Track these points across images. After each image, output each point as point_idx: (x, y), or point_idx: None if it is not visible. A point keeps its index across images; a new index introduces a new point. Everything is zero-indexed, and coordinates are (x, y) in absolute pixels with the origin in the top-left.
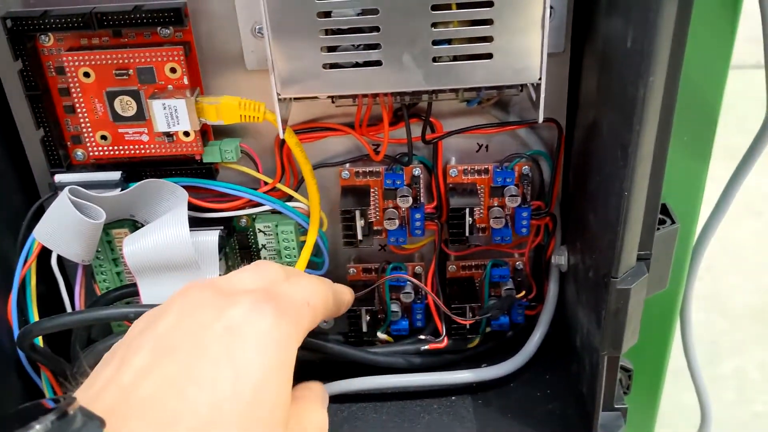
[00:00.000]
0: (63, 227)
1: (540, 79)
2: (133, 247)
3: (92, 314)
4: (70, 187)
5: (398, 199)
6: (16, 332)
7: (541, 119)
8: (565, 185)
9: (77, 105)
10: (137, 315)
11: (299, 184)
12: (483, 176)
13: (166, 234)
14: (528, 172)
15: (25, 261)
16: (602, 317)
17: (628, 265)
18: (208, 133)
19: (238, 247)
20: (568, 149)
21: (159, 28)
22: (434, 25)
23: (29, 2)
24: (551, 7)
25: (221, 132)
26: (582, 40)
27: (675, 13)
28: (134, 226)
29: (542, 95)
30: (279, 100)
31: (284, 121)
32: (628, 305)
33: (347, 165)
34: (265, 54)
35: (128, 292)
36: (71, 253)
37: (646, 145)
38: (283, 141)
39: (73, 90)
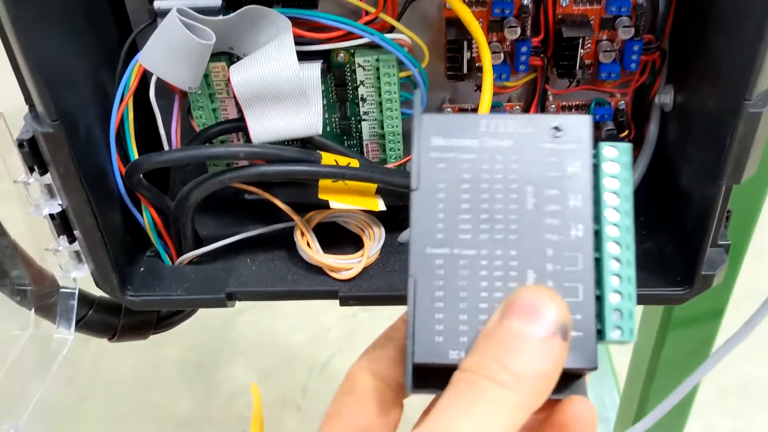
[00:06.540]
0: (171, 50)
1: None
2: (241, 76)
3: (203, 151)
4: (177, 7)
5: (506, 30)
6: (115, 168)
7: None
8: (676, 19)
9: None
10: (247, 155)
11: (401, 14)
12: (595, 6)
13: (274, 63)
14: (642, 1)
15: (122, 97)
16: (726, 144)
17: (761, 88)
18: None
19: (335, 85)
20: None
21: None
22: None
23: None
24: None
25: None
26: None
27: None
28: (230, 60)
29: None
30: None
31: None
32: (756, 130)
33: None
34: None
35: (227, 128)
36: (178, 79)
37: None
38: None
39: None
